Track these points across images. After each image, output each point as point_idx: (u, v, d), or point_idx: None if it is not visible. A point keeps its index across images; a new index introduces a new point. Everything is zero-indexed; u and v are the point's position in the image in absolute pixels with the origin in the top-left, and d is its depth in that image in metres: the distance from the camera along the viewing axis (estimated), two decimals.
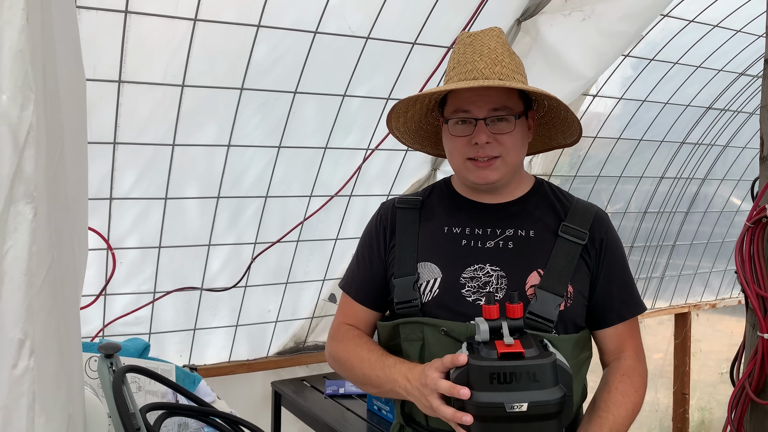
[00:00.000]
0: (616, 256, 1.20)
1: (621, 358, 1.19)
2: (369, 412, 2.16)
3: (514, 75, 1.14)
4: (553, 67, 2.11)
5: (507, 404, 0.90)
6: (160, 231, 2.07)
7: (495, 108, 1.12)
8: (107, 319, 2.13)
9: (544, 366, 0.92)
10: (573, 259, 1.14)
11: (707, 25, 2.50)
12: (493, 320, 0.98)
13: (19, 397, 0.66)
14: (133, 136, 1.87)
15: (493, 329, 0.98)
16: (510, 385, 0.91)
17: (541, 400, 0.91)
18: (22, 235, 0.66)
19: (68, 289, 0.75)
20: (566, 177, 2.91)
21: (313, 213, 2.29)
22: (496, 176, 1.15)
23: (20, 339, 0.66)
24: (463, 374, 0.95)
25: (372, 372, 1.15)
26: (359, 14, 1.92)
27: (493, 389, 0.91)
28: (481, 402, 0.92)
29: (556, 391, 0.92)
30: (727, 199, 3.66)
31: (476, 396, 0.92)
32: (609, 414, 1.11)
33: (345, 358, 1.21)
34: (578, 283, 1.15)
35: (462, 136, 1.14)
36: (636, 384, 1.16)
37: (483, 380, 0.92)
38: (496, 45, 1.14)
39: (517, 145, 1.15)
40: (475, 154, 1.14)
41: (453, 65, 1.17)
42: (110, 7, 1.62)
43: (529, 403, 0.90)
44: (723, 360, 4.13)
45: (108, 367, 1.38)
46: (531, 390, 0.91)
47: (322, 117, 2.12)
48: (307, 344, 2.55)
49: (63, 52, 0.81)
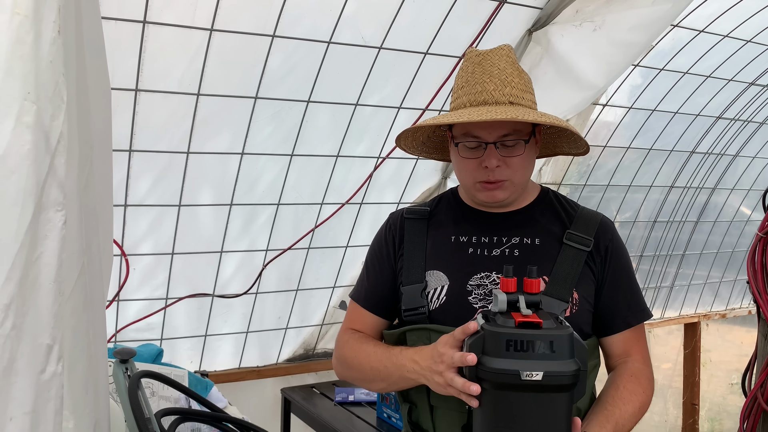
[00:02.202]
0: (621, 263, 1.21)
1: (628, 361, 1.20)
2: (378, 420, 2.17)
3: (523, 95, 1.15)
4: (564, 77, 2.12)
5: (522, 372, 0.88)
6: (173, 237, 2.09)
7: (505, 134, 1.14)
8: (120, 325, 2.15)
9: (561, 337, 0.90)
10: (578, 265, 1.16)
11: (717, 35, 2.51)
12: (511, 293, 0.96)
13: (47, 402, 0.67)
14: (149, 144, 1.90)
15: (510, 302, 0.96)
16: (526, 353, 0.90)
17: (557, 371, 0.89)
18: (52, 242, 0.67)
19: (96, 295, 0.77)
20: (576, 186, 2.92)
21: (325, 220, 2.31)
22: (504, 195, 1.18)
23: (48, 344, 0.67)
24: (479, 341, 0.93)
25: (379, 364, 1.15)
26: (372, 25, 1.94)
27: (509, 356, 0.90)
28: (495, 368, 0.90)
29: (572, 363, 0.90)
30: (737, 209, 3.65)
31: (491, 362, 0.91)
32: (616, 408, 1.11)
33: (351, 356, 1.22)
34: (583, 290, 1.16)
35: (472, 159, 1.16)
36: (644, 385, 1.16)
37: (499, 347, 0.91)
38: (506, 65, 1.15)
39: (526, 165, 1.18)
40: (485, 177, 1.15)
41: (461, 84, 1.18)
42: (129, 17, 1.65)
43: (545, 373, 0.88)
44: (733, 370, 4.09)
45: (123, 372, 1.39)
46: (547, 360, 0.89)
47: (334, 125, 2.13)
48: (317, 351, 2.56)
49: (91, 63, 0.83)
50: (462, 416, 1.12)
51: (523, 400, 0.90)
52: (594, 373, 1.20)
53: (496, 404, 0.93)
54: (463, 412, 1.13)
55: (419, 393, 1.18)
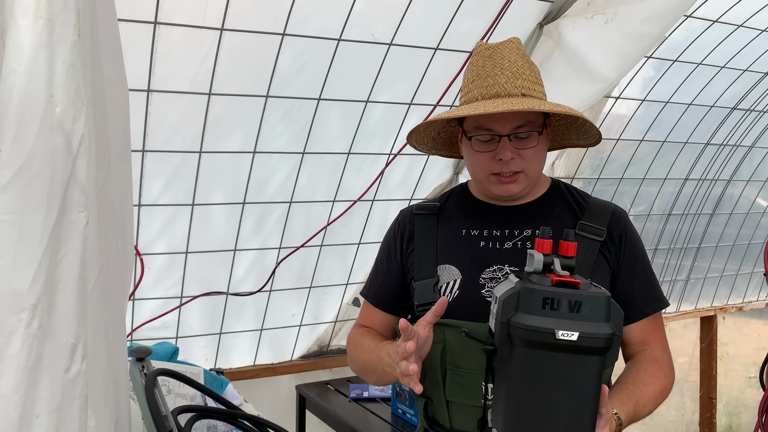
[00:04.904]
0: (636, 252, 1.20)
1: (647, 349, 1.19)
2: (393, 416, 2.17)
3: (534, 87, 1.15)
4: (576, 70, 2.11)
5: (558, 331, 0.85)
6: (187, 237, 2.10)
7: (519, 125, 1.13)
8: (135, 324, 2.17)
9: (599, 299, 0.88)
10: (592, 255, 1.15)
11: (731, 25, 2.47)
12: (547, 255, 0.94)
13: (72, 400, 0.68)
14: (162, 144, 1.91)
15: (545, 264, 0.93)
16: (562, 312, 0.87)
17: (593, 333, 0.86)
18: (75, 243, 0.68)
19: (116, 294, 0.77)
20: (589, 180, 2.90)
21: (337, 218, 2.31)
22: (518, 189, 1.18)
23: (73, 343, 0.68)
24: (513, 298, 0.90)
25: (369, 357, 1.17)
26: (382, 21, 1.94)
27: (545, 314, 0.87)
28: (530, 326, 0.87)
29: (608, 327, 0.87)
30: (754, 201, 3.60)
31: (525, 319, 0.88)
32: (637, 389, 1.10)
33: (352, 351, 1.26)
34: (598, 280, 1.15)
35: (486, 152, 1.16)
36: (665, 370, 1.15)
37: (535, 304, 0.88)
38: (516, 57, 1.15)
39: (539, 157, 1.18)
40: (499, 169, 1.15)
41: (472, 77, 1.18)
42: (140, 18, 1.66)
43: (580, 334, 0.85)
44: (750, 364, 4.05)
45: (140, 370, 1.41)
46: (583, 321, 0.87)
47: (345, 123, 2.13)
48: (331, 348, 2.57)
49: (108, 64, 0.83)
50: (477, 410, 1.12)
51: (554, 361, 0.88)
52: (610, 369, 1.19)
53: (526, 364, 0.90)
54: (478, 406, 1.13)
55: (435, 387, 1.18)
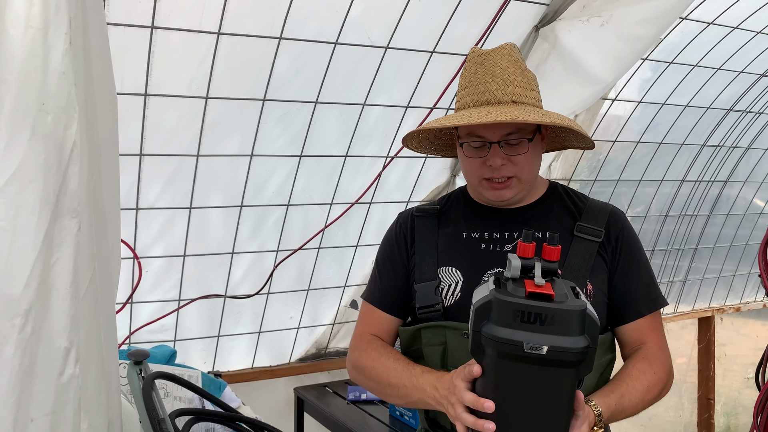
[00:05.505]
0: (633, 252, 1.21)
1: (642, 347, 1.19)
2: (391, 418, 2.18)
3: (526, 93, 1.15)
4: (572, 73, 2.11)
5: (526, 344, 0.85)
6: (184, 240, 2.11)
7: (509, 133, 1.14)
8: (133, 327, 2.18)
9: (571, 313, 0.86)
10: (590, 256, 1.16)
11: (727, 27, 2.48)
12: (527, 259, 0.92)
13: (66, 404, 0.69)
14: (159, 148, 1.92)
15: (525, 268, 0.92)
16: (533, 325, 0.86)
17: (562, 347, 0.85)
18: (68, 248, 0.69)
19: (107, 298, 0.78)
20: (586, 182, 2.90)
21: (334, 220, 2.32)
22: (511, 194, 1.18)
23: (66, 348, 0.69)
24: (486, 307, 0.89)
25: (399, 381, 1.15)
26: (378, 25, 1.95)
27: (515, 327, 0.87)
28: (499, 337, 0.87)
29: (580, 340, 0.86)
30: (750, 201, 3.61)
31: (495, 330, 0.87)
32: (622, 383, 1.11)
33: (370, 366, 1.21)
34: (597, 281, 1.16)
35: (477, 158, 1.17)
36: (655, 367, 1.15)
37: (506, 315, 0.87)
38: (508, 64, 1.16)
39: (532, 162, 1.18)
40: (490, 175, 1.16)
41: (465, 84, 1.19)
42: (137, 23, 1.67)
43: (549, 347, 0.85)
44: (748, 364, 4.06)
45: (137, 373, 1.41)
46: (554, 334, 0.85)
47: (342, 126, 2.14)
48: (329, 350, 2.57)
49: (97, 70, 0.84)
50: None
51: (525, 372, 0.88)
52: (609, 367, 1.20)
53: (498, 373, 0.91)
54: None
55: None
